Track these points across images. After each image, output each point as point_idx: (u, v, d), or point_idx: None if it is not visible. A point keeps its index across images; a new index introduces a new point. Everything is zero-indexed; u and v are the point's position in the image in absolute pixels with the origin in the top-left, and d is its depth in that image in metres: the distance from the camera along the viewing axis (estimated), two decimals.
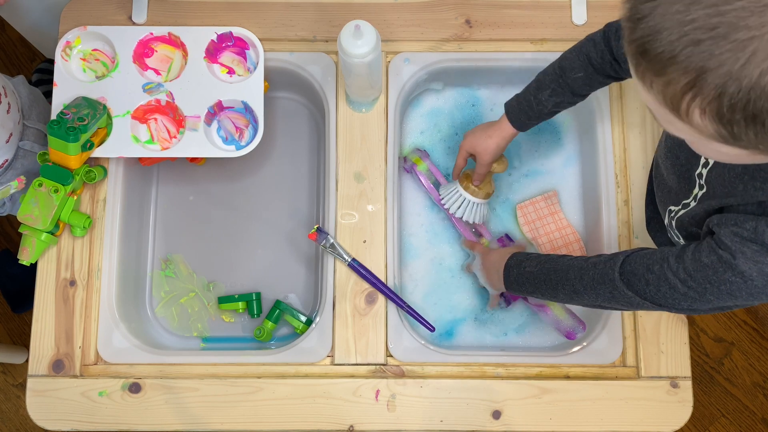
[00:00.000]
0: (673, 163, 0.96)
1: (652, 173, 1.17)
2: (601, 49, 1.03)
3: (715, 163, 0.84)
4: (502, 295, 1.25)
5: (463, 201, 1.22)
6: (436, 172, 1.29)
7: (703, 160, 0.87)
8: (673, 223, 0.98)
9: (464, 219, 1.23)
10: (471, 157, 1.21)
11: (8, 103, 1.17)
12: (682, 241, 0.99)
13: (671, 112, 0.61)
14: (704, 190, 0.88)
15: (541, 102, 1.09)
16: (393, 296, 1.18)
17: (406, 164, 1.29)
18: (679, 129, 0.64)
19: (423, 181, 1.28)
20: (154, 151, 1.20)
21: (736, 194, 0.79)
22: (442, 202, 1.25)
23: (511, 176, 1.32)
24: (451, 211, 1.24)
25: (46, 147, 1.29)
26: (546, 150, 1.33)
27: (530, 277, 1.05)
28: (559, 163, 1.32)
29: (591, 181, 1.28)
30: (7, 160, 1.21)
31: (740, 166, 0.78)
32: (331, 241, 1.19)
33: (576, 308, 1.25)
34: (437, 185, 1.29)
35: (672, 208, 0.98)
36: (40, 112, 1.30)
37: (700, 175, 0.88)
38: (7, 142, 1.19)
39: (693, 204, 0.91)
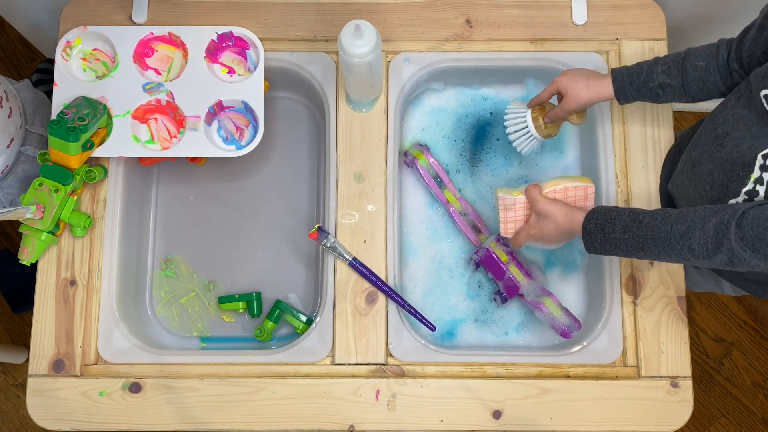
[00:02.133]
0: (729, 151, 0.95)
1: (669, 173, 1.16)
2: (731, 47, 1.04)
3: None
4: (498, 292, 1.25)
5: (524, 128, 1.20)
6: (436, 166, 1.29)
7: None
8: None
9: (514, 144, 1.22)
10: (557, 95, 1.17)
11: (9, 108, 1.16)
12: None
13: None
14: None
15: (651, 74, 1.09)
16: (394, 295, 1.18)
17: (407, 158, 1.30)
18: None
19: (423, 175, 1.28)
20: (154, 151, 1.20)
21: None
22: (505, 118, 1.22)
23: (508, 173, 1.32)
24: (507, 131, 1.22)
25: None
26: (546, 150, 1.33)
27: (620, 244, 0.99)
28: (560, 163, 1.32)
29: (591, 181, 1.28)
30: (8, 166, 1.21)
31: None
32: (332, 240, 1.19)
33: (572, 306, 1.25)
34: (438, 179, 1.29)
35: (734, 201, 0.95)
36: (44, 117, 1.30)
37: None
38: (8, 146, 1.18)
39: (761, 188, 0.90)
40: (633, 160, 1.24)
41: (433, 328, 1.20)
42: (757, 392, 1.87)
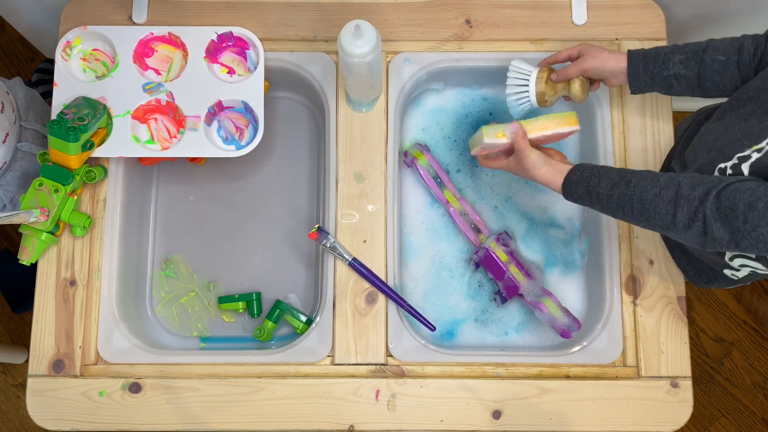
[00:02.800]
0: (744, 119, 0.94)
1: (682, 138, 1.15)
2: (759, 43, 1.02)
3: None
4: (498, 292, 1.25)
5: (524, 89, 1.17)
6: (436, 166, 1.29)
7: None
8: (746, 170, 0.91)
9: (507, 100, 1.19)
10: (575, 59, 1.15)
11: (1, 103, 1.17)
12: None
13: None
14: None
15: (667, 61, 1.07)
16: (394, 295, 1.18)
17: (407, 158, 1.30)
18: None
19: (423, 175, 1.28)
20: (154, 151, 1.20)
21: None
22: (509, 70, 1.18)
23: (509, 174, 1.32)
24: (507, 82, 1.18)
25: (45, 148, 1.29)
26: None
27: (602, 199, 0.99)
28: None
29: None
30: (6, 162, 1.21)
31: None
32: (332, 240, 1.19)
33: (572, 306, 1.25)
34: (438, 179, 1.29)
35: (722, 165, 0.93)
36: (38, 113, 1.30)
37: None
38: (4, 142, 1.19)
39: (756, 155, 0.89)
40: (633, 159, 1.24)
41: (433, 328, 1.20)
42: (757, 392, 1.87)
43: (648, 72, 1.09)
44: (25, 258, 1.17)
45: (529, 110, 1.19)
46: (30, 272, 1.23)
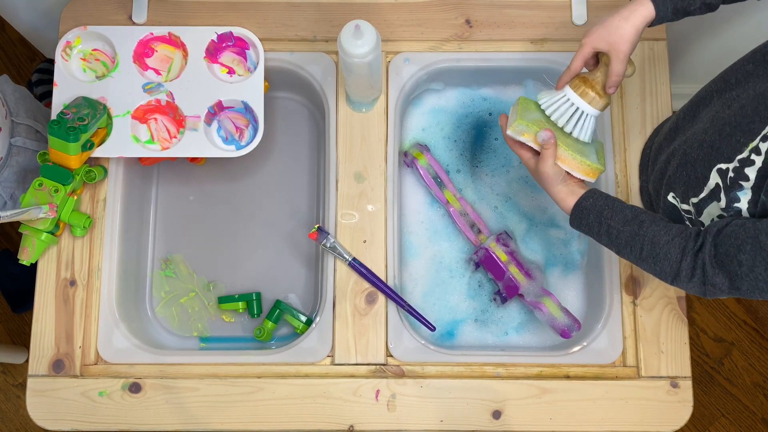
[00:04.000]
0: (735, 114, 0.91)
1: (655, 136, 1.14)
2: None
3: None
4: (498, 292, 1.25)
5: (576, 111, 1.04)
6: (436, 166, 1.29)
7: None
8: (747, 184, 0.89)
9: (572, 133, 1.07)
10: (590, 60, 1.04)
11: None
12: (739, 205, 0.91)
13: None
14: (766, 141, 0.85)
15: None
16: (393, 296, 1.18)
17: (407, 159, 1.29)
18: None
19: (423, 175, 1.28)
20: (154, 151, 1.20)
21: None
22: (547, 113, 1.07)
23: (509, 173, 1.32)
24: (558, 123, 1.07)
25: (38, 142, 1.29)
26: None
27: (612, 233, 0.98)
28: None
29: (591, 181, 1.27)
30: (1, 158, 1.21)
31: None
32: (332, 240, 1.19)
33: (572, 306, 1.25)
34: (438, 180, 1.29)
35: (723, 166, 0.92)
36: (29, 109, 1.30)
37: None
38: None
39: (758, 158, 0.86)
40: (633, 160, 1.24)
41: (432, 329, 1.20)
42: (757, 392, 1.87)
43: (678, 11, 0.98)
44: (25, 258, 1.17)
45: (594, 123, 1.08)
46: (30, 272, 1.23)
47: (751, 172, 0.88)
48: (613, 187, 1.23)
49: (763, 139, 0.87)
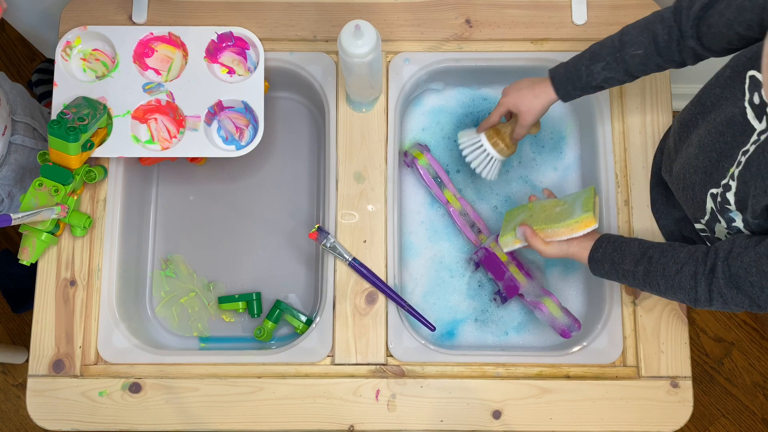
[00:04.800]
0: (715, 140, 0.93)
1: (660, 157, 1.16)
2: (669, 26, 1.00)
3: None
4: (498, 292, 1.25)
5: (486, 155, 1.20)
6: (436, 166, 1.29)
7: (754, 138, 0.86)
8: (731, 207, 0.93)
9: (478, 171, 1.22)
10: (505, 116, 1.17)
11: None
12: (736, 224, 0.94)
13: None
14: (741, 167, 0.88)
15: (591, 73, 1.07)
16: (394, 295, 1.18)
17: (407, 158, 1.30)
18: None
19: (423, 175, 1.28)
20: (154, 151, 1.20)
21: None
22: (461, 150, 1.22)
23: (509, 173, 1.32)
24: (467, 160, 1.22)
25: (36, 140, 1.29)
26: (546, 149, 1.33)
27: (629, 276, 1.02)
28: (560, 163, 1.32)
29: (591, 181, 1.28)
30: (2, 156, 1.21)
31: None
32: (332, 240, 1.19)
33: (572, 307, 1.25)
34: (438, 179, 1.29)
35: (714, 191, 0.95)
36: (25, 106, 1.30)
37: (747, 152, 0.87)
38: (2, 134, 1.19)
39: (732, 183, 0.90)
40: (633, 160, 1.24)
41: (432, 328, 1.20)
42: (757, 392, 1.87)
43: (578, 89, 1.09)
44: (25, 258, 1.17)
45: (499, 167, 1.22)
46: (30, 272, 1.23)
47: (731, 197, 0.91)
48: (613, 187, 1.23)
49: (737, 165, 0.89)
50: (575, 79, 1.08)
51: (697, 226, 1.05)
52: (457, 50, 1.28)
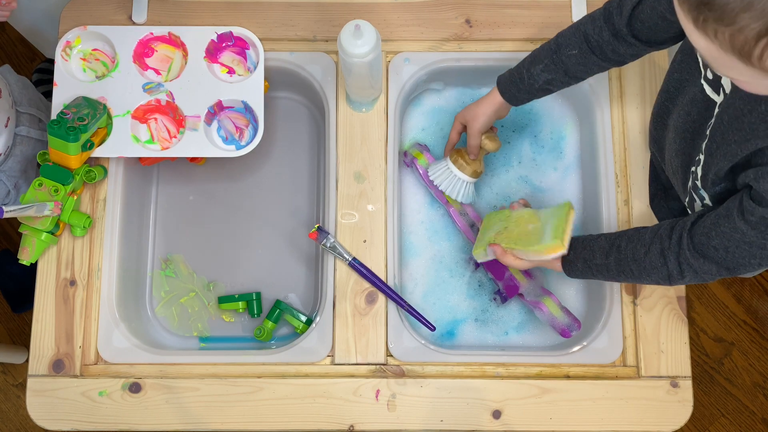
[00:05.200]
0: (684, 121, 0.96)
1: (657, 149, 1.17)
2: (600, 26, 1.03)
3: (728, 107, 0.85)
4: (498, 292, 1.25)
5: (450, 176, 1.21)
6: None
7: (717, 110, 0.88)
8: (698, 183, 0.96)
9: (452, 196, 1.23)
10: (464, 131, 1.21)
11: None
12: (707, 201, 0.97)
13: (738, 58, 0.64)
14: (706, 140, 0.90)
15: (532, 76, 1.09)
16: (393, 295, 1.18)
17: (407, 158, 1.30)
18: (741, 72, 0.67)
19: (423, 175, 1.28)
20: (154, 151, 1.20)
21: (759, 135, 0.80)
22: (430, 177, 1.24)
23: (508, 173, 1.32)
24: (440, 188, 1.23)
25: (41, 131, 1.29)
26: (546, 149, 1.33)
27: (602, 269, 1.04)
28: (560, 163, 1.32)
29: (591, 181, 1.28)
30: (8, 147, 1.21)
31: (765, 105, 0.78)
32: (332, 240, 1.19)
33: (572, 306, 1.25)
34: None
35: (693, 168, 0.97)
36: (31, 98, 1.30)
37: (710, 125, 0.89)
38: (6, 126, 1.19)
39: (701, 156, 0.92)
40: (633, 159, 1.24)
41: (432, 328, 1.20)
42: (757, 392, 1.87)
43: (522, 91, 1.12)
44: (25, 258, 1.17)
45: (473, 189, 1.23)
46: (30, 272, 1.23)
47: (699, 171, 0.94)
48: (614, 187, 1.23)
49: (703, 138, 0.91)
50: (518, 81, 1.11)
51: (690, 212, 1.07)
52: (457, 50, 1.28)
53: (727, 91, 0.86)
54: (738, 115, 0.83)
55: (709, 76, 0.89)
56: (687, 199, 1.02)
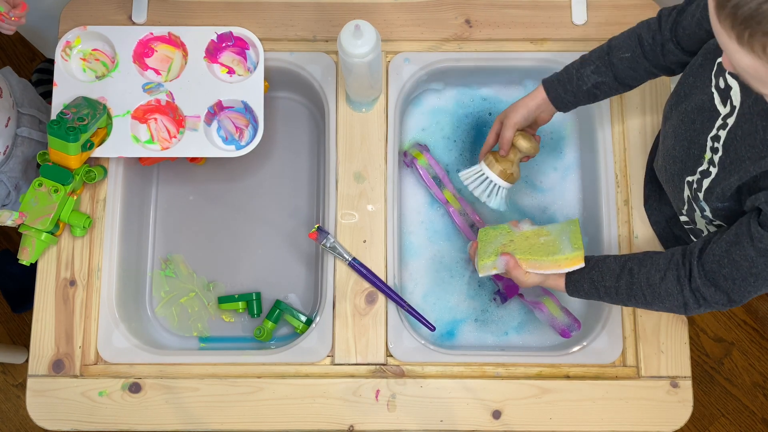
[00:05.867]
0: (687, 128, 0.95)
1: (655, 152, 1.16)
2: (654, 30, 1.02)
3: (744, 122, 0.84)
4: (498, 292, 1.25)
5: (480, 177, 1.15)
6: (436, 166, 1.29)
7: (719, 122, 0.87)
8: (701, 195, 0.94)
9: (486, 202, 1.17)
10: (498, 134, 1.15)
11: (0, 88, 1.17)
12: (707, 213, 0.96)
13: None
14: (720, 153, 0.88)
15: (581, 77, 1.07)
16: (393, 295, 1.18)
17: (406, 158, 1.30)
18: None
19: (423, 175, 1.28)
20: (154, 151, 1.20)
21: None
22: (464, 181, 1.18)
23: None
24: (475, 194, 1.17)
25: (42, 133, 1.29)
26: (546, 149, 1.33)
27: (610, 292, 1.02)
28: (560, 163, 1.32)
29: (591, 181, 1.28)
30: (8, 147, 1.21)
31: None
32: (332, 240, 1.19)
33: (572, 306, 1.25)
34: (437, 179, 1.29)
35: (690, 178, 0.96)
36: (32, 99, 1.31)
37: (717, 137, 0.88)
38: (6, 126, 1.19)
39: (714, 170, 0.90)
40: (633, 160, 1.24)
41: (432, 328, 1.20)
42: (757, 392, 1.87)
43: (569, 93, 1.09)
44: (25, 258, 1.17)
45: (506, 194, 1.16)
46: (30, 272, 1.23)
47: (706, 184, 0.92)
48: (614, 187, 1.23)
49: (714, 151, 0.89)
50: (566, 81, 1.09)
51: (682, 218, 1.05)
52: (457, 50, 1.28)
53: (735, 104, 0.85)
54: (752, 131, 0.82)
55: (721, 85, 0.88)
56: (685, 208, 1.01)
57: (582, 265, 1.05)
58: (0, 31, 1.10)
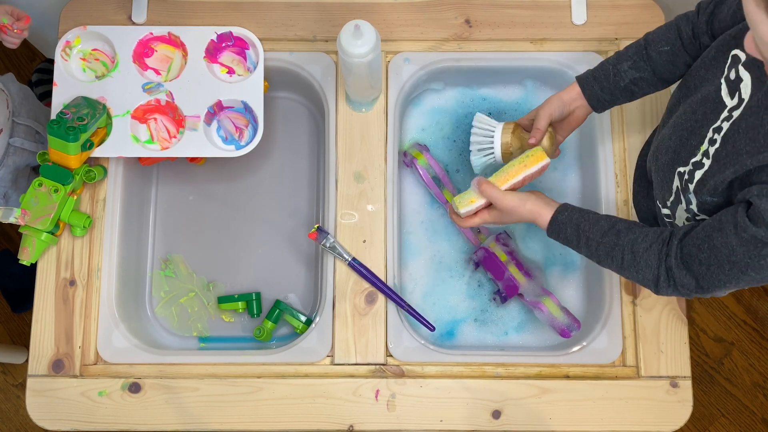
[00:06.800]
0: (688, 119, 0.94)
1: (647, 149, 1.16)
2: (693, 22, 1.00)
3: (749, 116, 0.83)
4: (497, 292, 1.25)
5: (487, 136, 1.14)
6: (435, 166, 1.29)
7: (725, 114, 0.87)
8: (691, 186, 0.93)
9: (470, 150, 1.17)
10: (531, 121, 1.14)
11: None
12: (692, 206, 0.95)
13: None
14: (717, 145, 0.87)
15: (618, 73, 1.05)
16: (393, 296, 1.18)
17: (406, 159, 1.29)
18: None
19: (423, 175, 1.28)
20: (154, 151, 1.20)
21: None
22: (475, 121, 1.16)
23: None
24: (471, 140, 1.17)
25: (36, 144, 1.29)
26: None
27: (591, 244, 1.00)
28: (559, 163, 1.32)
29: (591, 181, 1.28)
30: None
31: None
32: (332, 240, 1.19)
33: (572, 306, 1.25)
34: (437, 179, 1.29)
35: (681, 169, 0.95)
36: (30, 109, 1.30)
37: (719, 129, 0.87)
38: None
39: (707, 162, 0.89)
40: (632, 159, 1.24)
41: (432, 328, 1.20)
42: (757, 392, 1.87)
43: (606, 90, 1.07)
44: (25, 258, 1.17)
45: (491, 163, 1.16)
46: (30, 272, 1.23)
47: (698, 176, 0.91)
48: (613, 187, 1.23)
49: (711, 143, 0.89)
50: (602, 78, 1.06)
51: (664, 211, 1.04)
52: (456, 50, 1.28)
53: (744, 96, 0.84)
54: (756, 124, 0.81)
55: (731, 76, 0.87)
56: (671, 199, 0.99)
57: (547, 160, 1.06)
58: (3, 44, 1.10)
